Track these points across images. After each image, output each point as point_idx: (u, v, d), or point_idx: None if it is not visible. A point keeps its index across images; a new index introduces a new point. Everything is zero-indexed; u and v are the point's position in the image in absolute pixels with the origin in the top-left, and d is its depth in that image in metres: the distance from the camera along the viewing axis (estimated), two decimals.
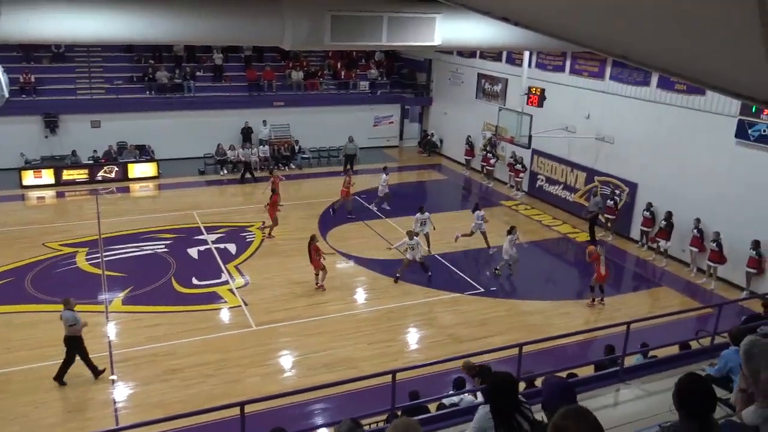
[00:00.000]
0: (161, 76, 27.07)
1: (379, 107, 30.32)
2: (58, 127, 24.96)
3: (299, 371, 12.16)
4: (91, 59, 27.11)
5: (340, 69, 30.58)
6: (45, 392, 11.17)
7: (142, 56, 27.84)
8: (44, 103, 24.84)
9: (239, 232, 19.01)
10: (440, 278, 16.38)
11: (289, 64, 29.72)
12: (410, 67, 32.17)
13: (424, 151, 30.34)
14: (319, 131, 27.69)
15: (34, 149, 24.35)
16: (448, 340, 13.33)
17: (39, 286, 15.23)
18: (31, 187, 23.12)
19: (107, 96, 26.27)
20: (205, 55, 28.93)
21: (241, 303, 14.70)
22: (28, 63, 25.63)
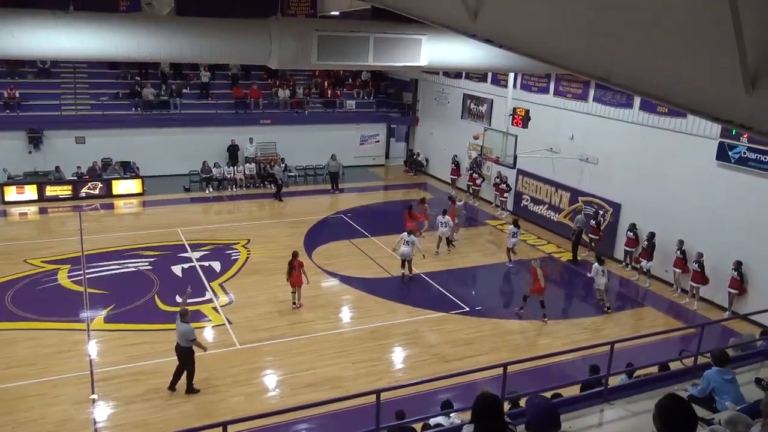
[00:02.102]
0: (147, 93, 27.03)
1: (366, 126, 30.48)
2: (42, 143, 24.78)
3: (283, 390, 12.05)
4: (77, 75, 27.03)
5: (326, 88, 30.73)
6: (24, 412, 10.97)
7: (129, 73, 27.80)
8: (28, 118, 24.67)
9: (224, 250, 18.91)
10: (426, 297, 16.38)
11: (276, 82, 29.83)
12: (396, 86, 32.42)
13: (410, 171, 30.47)
14: (306, 149, 27.74)
15: (17, 165, 24.12)
16: (433, 359, 13.30)
17: (19, 304, 15.01)
18: (13, 203, 22.89)
19: (92, 112, 26.15)
20: (191, 72, 28.95)
21: (225, 321, 14.59)
22: (12, 78, 25.48)
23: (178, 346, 11.64)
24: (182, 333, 11.52)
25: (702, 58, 3.97)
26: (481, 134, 22.89)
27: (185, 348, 11.60)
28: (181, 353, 11.63)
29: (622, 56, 4.62)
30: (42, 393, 11.58)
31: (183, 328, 11.52)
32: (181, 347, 11.60)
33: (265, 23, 9.93)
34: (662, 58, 4.25)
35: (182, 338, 11.56)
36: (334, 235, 20.60)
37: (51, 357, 12.79)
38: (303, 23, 9.95)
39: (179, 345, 11.63)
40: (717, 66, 3.82)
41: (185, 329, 11.53)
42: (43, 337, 13.64)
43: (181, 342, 11.58)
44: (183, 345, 11.59)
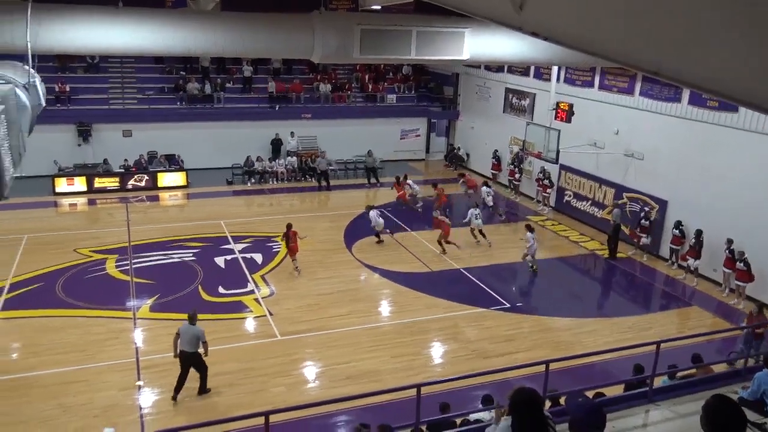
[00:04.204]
0: (192, 88, 27.52)
1: (406, 120, 30.43)
2: (90, 136, 25.51)
3: (323, 382, 12.15)
4: (124, 70, 27.69)
5: (367, 82, 30.78)
6: (72, 396, 11.31)
7: (174, 67, 28.36)
8: (78, 112, 25.41)
9: (265, 242, 19.15)
10: (465, 293, 16.28)
11: (318, 76, 30.01)
12: (437, 80, 32.26)
13: (450, 165, 30.31)
14: (346, 143, 27.84)
15: (67, 157, 24.90)
16: (472, 355, 13.21)
17: (69, 292, 15.49)
18: (63, 194, 23.62)
19: (139, 106, 26.79)
20: (234, 67, 29.35)
21: (266, 313, 14.78)
22: (63, 73, 26.27)
23: (183, 352, 11.10)
24: (193, 335, 11.03)
25: (758, 50, 3.82)
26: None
27: (193, 352, 11.09)
28: (190, 358, 11.13)
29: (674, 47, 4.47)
30: (89, 379, 11.92)
31: (195, 330, 11.06)
32: (188, 353, 11.08)
33: (308, 18, 9.97)
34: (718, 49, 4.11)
35: (191, 343, 11.03)
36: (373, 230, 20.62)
37: (98, 344, 13.15)
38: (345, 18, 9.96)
39: (184, 351, 11.09)
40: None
41: (197, 331, 11.07)
42: (91, 324, 14.04)
43: (188, 348, 11.05)
44: (190, 350, 11.06)
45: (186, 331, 11.10)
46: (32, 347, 13.01)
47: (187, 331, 11.10)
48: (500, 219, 22.53)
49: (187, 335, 11.08)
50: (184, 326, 11.16)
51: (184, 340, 11.09)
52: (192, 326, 11.12)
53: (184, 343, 11.10)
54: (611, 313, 15.74)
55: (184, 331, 11.11)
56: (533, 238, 17.43)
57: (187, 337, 11.07)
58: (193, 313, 11.27)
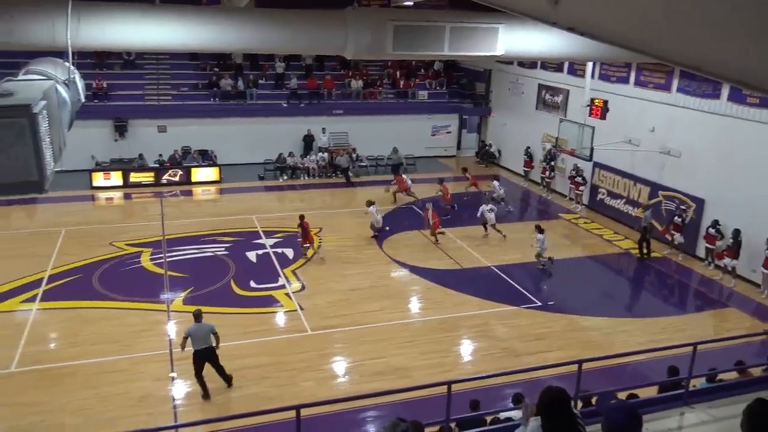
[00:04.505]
0: (225, 84, 27.82)
1: (437, 117, 30.32)
2: (127, 131, 25.98)
3: (353, 377, 12.21)
4: (159, 67, 28.12)
5: (399, 78, 30.74)
6: (108, 386, 11.55)
7: (207, 64, 28.69)
8: (115, 108, 25.90)
9: (297, 237, 19.25)
10: (496, 290, 16.19)
11: (349, 73, 30.07)
12: (469, 77, 32.06)
13: (481, 162, 30.11)
14: (377, 140, 27.85)
15: (104, 152, 25.39)
16: (503, 353, 13.13)
17: (106, 284, 15.82)
18: (100, 188, 24.11)
19: (173, 102, 27.18)
20: (267, 63, 29.57)
21: (297, 307, 14.90)
22: (100, 70, 26.77)
23: (198, 351, 11.07)
24: (206, 331, 11.04)
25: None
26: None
27: (206, 347, 11.09)
28: (206, 354, 11.12)
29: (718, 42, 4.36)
30: (125, 369, 12.17)
31: (207, 326, 11.09)
32: (203, 349, 11.08)
33: (341, 14, 9.99)
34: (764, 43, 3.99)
35: (205, 339, 11.05)
36: (405, 225, 20.62)
37: (133, 335, 13.41)
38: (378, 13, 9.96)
39: (199, 350, 11.06)
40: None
41: (209, 327, 11.10)
42: (126, 316, 14.33)
43: (202, 344, 11.05)
44: (204, 346, 11.07)
45: (198, 330, 11.04)
46: (70, 337, 13.33)
47: (199, 329, 11.05)
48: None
49: (201, 333, 11.04)
50: (193, 326, 11.07)
51: (197, 339, 11.02)
52: (202, 324, 11.12)
53: (197, 341, 11.03)
54: (644, 314, 15.48)
55: (195, 330, 11.02)
56: (543, 239, 17.28)
57: (201, 334, 11.04)
58: (198, 312, 11.26)
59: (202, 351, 11.10)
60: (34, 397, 11.11)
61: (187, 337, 11.03)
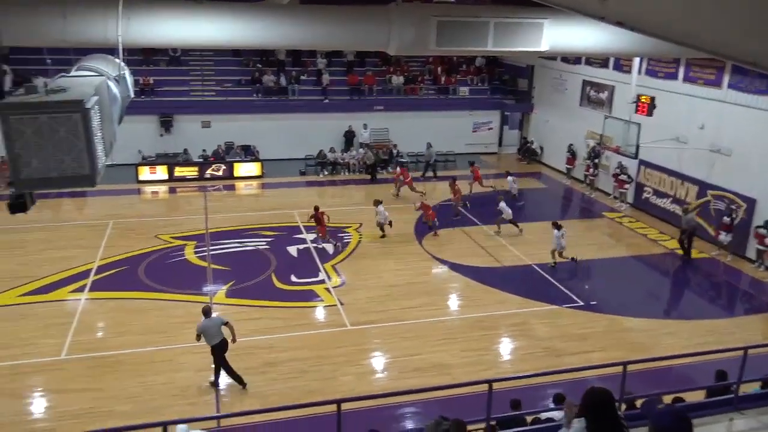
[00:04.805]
0: (267, 80, 28.14)
1: (479, 113, 30.09)
2: (172, 127, 26.53)
3: (391, 373, 12.23)
4: (203, 63, 28.60)
5: (440, 74, 30.60)
6: (153, 375, 11.83)
7: (251, 60, 29.05)
8: (161, 103, 26.45)
9: (337, 233, 19.39)
10: (537, 289, 16.00)
11: (390, 69, 30.07)
12: (511, 73, 31.71)
13: (523, 159, 29.78)
14: (418, 136, 27.77)
15: (150, 147, 25.98)
16: (543, 353, 12.98)
17: (151, 275, 16.19)
18: (146, 182, 24.70)
19: (217, 98, 27.62)
20: (309, 59, 29.78)
21: (336, 302, 14.99)
22: (147, 66, 27.37)
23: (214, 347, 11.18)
24: (217, 326, 11.18)
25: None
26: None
27: (221, 340, 11.21)
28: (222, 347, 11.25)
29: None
30: (169, 359, 12.45)
31: (216, 320, 11.24)
32: (218, 343, 11.19)
33: (384, 10, 9.98)
34: None
35: (218, 333, 11.18)
36: (445, 222, 20.53)
37: (177, 327, 13.68)
38: (422, 9, 9.89)
39: (215, 346, 11.17)
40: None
41: (219, 320, 11.26)
42: (171, 307, 14.64)
43: (216, 339, 11.15)
44: (218, 341, 11.18)
45: (209, 326, 11.14)
46: (118, 327, 13.69)
47: (210, 325, 11.14)
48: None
49: (213, 328, 11.15)
50: (203, 323, 11.16)
51: (210, 335, 11.12)
52: (212, 318, 11.23)
53: (211, 337, 11.13)
54: (690, 315, 15.10)
55: (206, 327, 11.11)
56: (561, 236, 16.96)
57: (214, 330, 11.15)
58: (207, 308, 11.39)
59: (218, 345, 11.22)
60: (83, 384, 11.46)
61: (200, 334, 11.12)
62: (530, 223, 20.16)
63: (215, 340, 11.17)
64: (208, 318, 11.21)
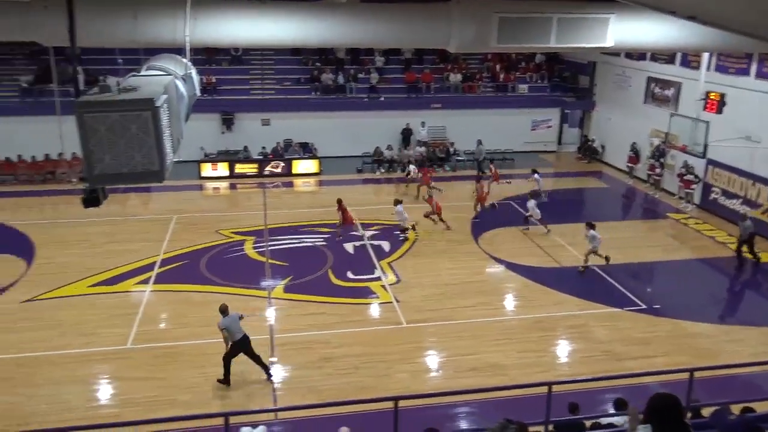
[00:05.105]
0: (326, 78, 28.43)
1: (538, 111, 29.59)
2: (233, 124, 27.13)
3: (447, 372, 12.18)
4: (264, 62, 29.14)
5: (498, 72, 30.24)
6: (212, 366, 12.08)
7: (310, 59, 29.41)
8: (222, 102, 27.08)
9: (393, 230, 19.44)
10: (597, 291, 15.63)
11: (448, 66, 29.91)
12: (572, 69, 31.03)
13: (583, 158, 29.11)
14: (475, 134, 27.50)
15: (212, 144, 26.62)
16: (603, 356, 12.67)
17: (212, 269, 16.61)
18: (208, 178, 25.36)
19: (276, 96, 28.10)
20: (367, 57, 29.93)
21: (392, 299, 15.03)
22: (210, 65, 28.06)
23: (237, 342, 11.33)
24: (237, 321, 11.37)
25: None
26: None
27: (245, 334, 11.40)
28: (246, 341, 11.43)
29: None
30: None
31: (235, 317, 11.39)
32: (241, 338, 11.34)
33: (445, 7, 9.91)
34: None
35: (239, 329, 11.33)
36: (502, 222, 20.29)
37: None
38: (483, 6, 9.77)
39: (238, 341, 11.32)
40: None
41: (236, 316, 11.42)
42: (230, 300, 14.75)
43: (240, 334, 11.32)
44: (242, 335, 11.34)
45: (231, 322, 11.31)
46: (180, 318, 14.11)
47: (232, 321, 11.32)
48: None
49: (235, 323, 11.34)
50: (225, 320, 11.29)
51: (233, 331, 11.29)
52: (231, 315, 11.40)
53: (234, 333, 11.30)
54: (759, 322, 14.45)
55: (229, 324, 11.27)
56: (595, 236, 16.39)
57: (236, 325, 11.34)
58: (225, 306, 11.53)
59: (241, 340, 11.38)
60: (147, 373, 11.86)
61: (224, 329, 11.30)
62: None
63: (238, 336, 11.36)
64: (228, 315, 11.40)
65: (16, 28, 8.92)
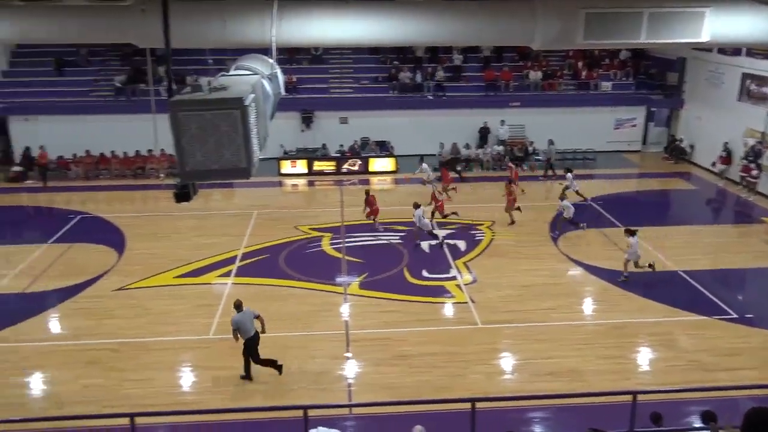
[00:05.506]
0: (403, 77, 28.49)
1: (622, 109, 28.58)
2: (312, 122, 27.64)
3: (523, 375, 11.96)
4: (342, 61, 29.53)
5: (580, 69, 29.40)
6: (289, 359, 12.36)
7: (388, 57, 29.56)
8: (302, 100, 27.62)
9: (469, 230, 19.28)
10: (684, 297, 14.95)
11: (528, 64, 29.34)
12: (660, 66, 29.78)
13: (670, 158, 27.87)
14: (555, 133, 26.85)
15: (291, 141, 27.22)
16: (689, 366, 12.10)
17: (290, 264, 16.99)
18: (287, 175, 25.96)
19: (354, 95, 28.41)
20: (445, 55, 29.78)
21: (468, 300, 14.90)
22: (290, 65, 28.68)
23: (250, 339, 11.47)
24: (251, 318, 11.48)
25: None
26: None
27: (256, 333, 11.54)
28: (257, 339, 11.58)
29: None
30: (305, 345, 12.99)
31: (250, 313, 11.50)
32: (253, 335, 11.49)
33: (529, 3, 9.72)
34: None
35: (251, 327, 11.44)
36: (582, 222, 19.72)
37: (313, 314, 14.28)
38: (569, 1, 9.52)
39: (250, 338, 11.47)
40: None
41: (252, 313, 11.53)
42: (307, 295, 15.28)
43: (252, 331, 11.45)
44: (253, 332, 11.48)
45: (244, 319, 11.40)
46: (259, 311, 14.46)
47: (245, 318, 11.41)
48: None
49: (249, 320, 11.43)
50: (237, 316, 11.40)
51: (246, 328, 11.38)
52: (245, 312, 11.46)
53: (246, 330, 11.40)
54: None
55: (241, 321, 11.36)
56: (635, 243, 15.51)
57: (249, 322, 11.44)
58: (239, 302, 11.59)
59: (252, 338, 11.50)
60: (228, 362, 12.23)
61: (236, 328, 11.41)
62: (677, 227, 18.94)
63: (250, 333, 11.48)
64: (241, 312, 11.50)
65: (115, 30, 9.42)
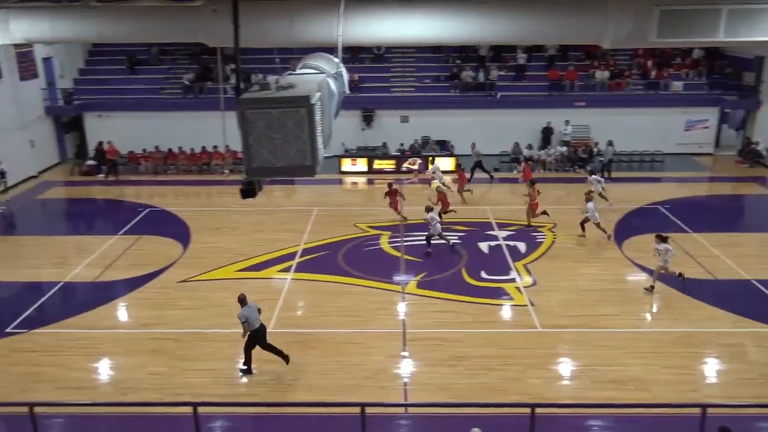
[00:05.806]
0: (466, 76, 28.26)
1: (693, 110, 27.51)
2: (373, 121, 27.80)
3: (583, 382, 11.65)
4: (404, 60, 29.53)
5: (650, 68, 28.47)
6: (347, 356, 12.48)
7: (450, 56, 29.39)
8: (364, 99, 27.78)
9: (530, 232, 18.96)
10: (758, 307, 14.26)
11: (594, 63, 28.62)
12: (735, 65, 28.54)
13: (745, 162, 26.66)
14: (621, 134, 26.10)
15: (352, 140, 27.44)
16: (762, 379, 11.52)
17: (349, 261, 17.12)
18: (347, 172, 26.18)
19: (416, 94, 28.37)
20: (508, 54, 29.38)
21: (527, 302, 14.65)
22: (353, 63, 28.88)
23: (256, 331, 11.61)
24: (257, 312, 11.60)
25: None
26: None
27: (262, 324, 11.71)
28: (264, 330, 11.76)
29: None
30: (362, 342, 13.04)
31: (254, 307, 11.62)
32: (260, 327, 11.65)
33: (600, 1, 9.47)
34: None
35: (257, 318, 11.59)
36: (649, 227, 19.06)
37: (371, 312, 14.33)
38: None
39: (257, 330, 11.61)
40: None
41: (255, 306, 11.65)
42: (365, 293, 15.35)
43: (256, 324, 11.58)
44: (259, 324, 11.62)
45: (251, 311, 11.55)
46: (317, 307, 14.67)
47: (251, 311, 11.56)
48: None
49: (254, 314, 11.57)
50: (244, 310, 11.51)
51: (252, 321, 11.52)
52: (250, 305, 11.62)
53: (252, 323, 11.54)
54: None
55: (249, 313, 11.51)
56: (667, 249, 14.75)
57: (254, 315, 11.58)
58: (243, 296, 11.73)
59: (258, 330, 11.66)
60: None
61: (245, 322, 11.50)
62: (752, 234, 18.08)
63: (256, 325, 11.65)
64: (246, 305, 11.65)
65: (186, 30, 9.70)
